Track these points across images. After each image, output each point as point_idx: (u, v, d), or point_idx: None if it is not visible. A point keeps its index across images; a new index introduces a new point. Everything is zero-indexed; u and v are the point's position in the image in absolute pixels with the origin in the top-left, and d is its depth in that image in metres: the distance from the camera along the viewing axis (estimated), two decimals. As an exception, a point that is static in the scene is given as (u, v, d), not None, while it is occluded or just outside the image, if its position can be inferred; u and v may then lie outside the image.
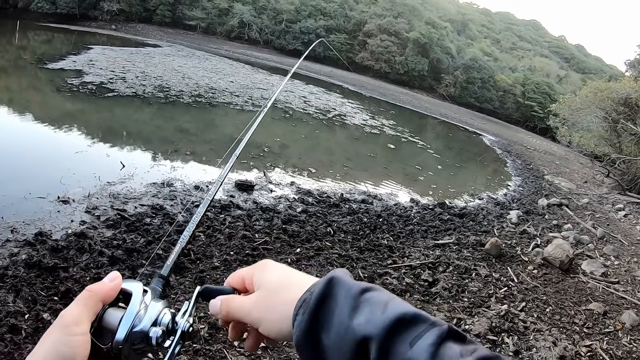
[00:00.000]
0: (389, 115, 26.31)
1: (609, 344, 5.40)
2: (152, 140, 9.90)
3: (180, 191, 7.03)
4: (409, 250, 6.74)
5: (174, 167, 8.16)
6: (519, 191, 14.55)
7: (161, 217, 5.90)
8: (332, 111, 20.69)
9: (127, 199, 6.26)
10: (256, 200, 7.47)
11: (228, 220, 6.29)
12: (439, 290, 5.51)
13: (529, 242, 8.42)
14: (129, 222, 5.48)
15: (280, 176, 9.23)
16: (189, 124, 11.84)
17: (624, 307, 6.53)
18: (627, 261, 8.69)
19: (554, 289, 6.55)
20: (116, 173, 7.17)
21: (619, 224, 12.04)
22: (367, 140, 17.43)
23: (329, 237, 6.56)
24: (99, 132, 9.57)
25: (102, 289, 0.70)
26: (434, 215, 9.01)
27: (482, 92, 60.99)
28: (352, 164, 12.27)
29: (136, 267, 4.54)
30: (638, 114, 16.60)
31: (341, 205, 8.24)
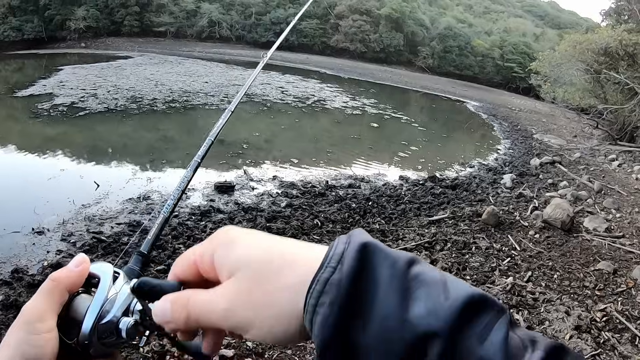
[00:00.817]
0: (369, 94, 25.92)
1: (623, 304, 5.16)
2: (126, 154, 9.49)
3: (158, 203, 6.68)
4: (402, 231, 6.36)
5: (150, 178, 7.79)
6: (510, 154, 14.26)
7: (139, 234, 5.50)
8: (311, 97, 20.27)
9: (103, 220, 5.93)
10: (238, 201, 7.10)
11: (209, 227, 5.93)
12: (438, 271, 5.17)
13: (526, 205, 8.13)
14: (105, 244, 5.17)
15: (261, 172, 8.85)
16: (163, 132, 11.46)
17: (633, 261, 6.32)
18: (628, 212, 8.46)
19: (559, 253, 6.24)
20: (91, 194, 6.83)
21: (614, 174, 11.86)
22: (350, 122, 17.03)
23: (316, 230, 6.19)
24: (72, 154, 9.17)
25: (67, 277, 0.59)
26: (425, 191, 8.65)
27: (461, 59, 60.80)
28: (336, 149, 11.87)
29: None
30: (620, 62, 16.37)
31: (327, 194, 7.85)
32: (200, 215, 6.32)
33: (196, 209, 6.54)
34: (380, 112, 19.77)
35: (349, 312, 0.45)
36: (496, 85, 57.96)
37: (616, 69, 16.18)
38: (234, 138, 11.31)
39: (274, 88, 21.40)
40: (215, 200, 7.05)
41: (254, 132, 12.42)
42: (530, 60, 34.63)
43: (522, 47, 61.11)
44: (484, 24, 72.22)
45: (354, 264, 0.46)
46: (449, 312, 0.44)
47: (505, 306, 0.48)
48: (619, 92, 16.80)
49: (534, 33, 71.36)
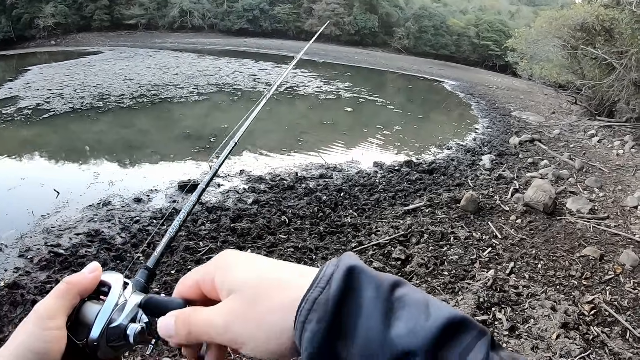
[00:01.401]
0: (344, 78, 25.42)
1: (612, 294, 4.88)
2: (88, 157, 8.92)
3: (119, 208, 6.20)
4: (376, 224, 5.92)
5: (112, 181, 7.27)
6: (488, 133, 13.92)
7: (97, 244, 5.11)
8: (284, 84, 19.62)
9: (61, 231, 5.46)
10: (202, 201, 6.56)
11: None
12: (414, 267, 4.73)
13: (506, 187, 7.78)
14: (62, 258, 4.71)
15: (228, 167, 8.31)
16: (128, 130, 10.84)
17: (619, 245, 6.07)
18: (612, 190, 8.22)
19: (542, 239, 5.89)
20: (50, 203, 6.35)
21: (594, 150, 11.63)
22: (324, 107, 16.53)
23: (283, 228, 5.74)
24: (32, 161, 8.62)
25: (80, 281, 0.64)
26: (400, 177, 8.23)
27: (437, 39, 60.36)
28: (308, 136, 11.37)
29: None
30: (597, 38, 16.12)
31: (296, 187, 7.36)
32: (161, 218, 5.87)
33: (158, 212, 6.10)
34: (355, 96, 19.28)
35: (335, 329, 0.49)
36: (473, 64, 57.76)
37: (593, 44, 15.94)
38: (202, 131, 10.80)
39: (246, 76, 20.78)
40: (178, 201, 6.58)
41: (222, 123, 11.88)
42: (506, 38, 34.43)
43: (497, 25, 60.85)
44: (459, 2, 71.71)
45: (341, 285, 0.50)
46: (429, 332, 0.48)
47: (487, 329, 0.51)
48: (597, 67, 16.57)
49: (509, 11, 71.19)
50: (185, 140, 9.99)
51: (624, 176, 9.24)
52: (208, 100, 14.76)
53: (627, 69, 13.21)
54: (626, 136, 12.93)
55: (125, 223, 5.69)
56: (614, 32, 15.35)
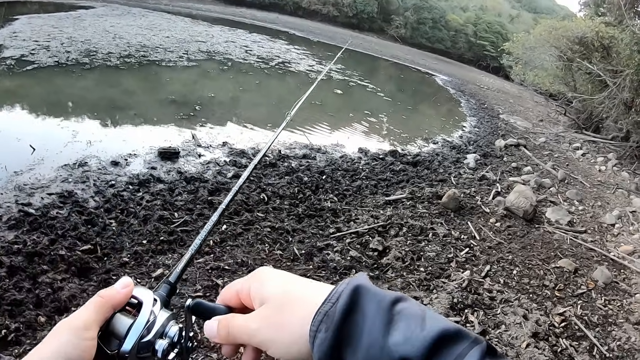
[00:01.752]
0: (337, 60, 25.10)
1: (583, 308, 4.87)
2: (68, 114, 8.37)
3: (95, 170, 5.84)
4: (356, 212, 5.77)
5: (91, 141, 6.86)
6: (475, 132, 13.86)
7: (70, 206, 4.79)
8: (276, 59, 19.24)
9: (33, 190, 5.11)
10: (181, 170, 6.32)
11: (146, 198, 5.22)
12: (390, 260, 4.61)
13: (489, 189, 7.72)
14: (32, 218, 4.40)
15: (211, 137, 8.05)
16: (113, 90, 10.27)
17: (594, 260, 6.10)
18: (591, 205, 8.23)
19: (519, 245, 5.85)
20: (25, 159, 5.96)
21: (577, 163, 11.66)
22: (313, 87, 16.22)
23: (262, 206, 5.53)
24: (11, 114, 8.05)
25: (114, 296, 0.70)
26: (384, 166, 8.10)
27: (434, 32, 60.05)
28: (295, 115, 11.10)
29: (36, 275, 3.54)
30: (594, 54, 16.11)
31: (278, 165, 7.15)
32: (138, 185, 5.57)
33: (135, 177, 5.78)
34: (346, 79, 19.01)
35: (341, 338, 0.59)
36: (467, 62, 57.70)
37: (589, 59, 15.94)
38: (188, 98, 10.42)
39: (238, 47, 20.23)
40: (157, 168, 6.27)
41: (209, 92, 11.53)
42: (503, 41, 34.44)
43: (496, 26, 60.77)
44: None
45: (347, 300, 0.61)
46: (423, 341, 0.56)
47: (482, 338, 0.58)
48: (589, 82, 16.60)
49: (510, 14, 71.06)
50: (170, 106, 9.64)
51: (604, 193, 9.27)
52: (197, 67, 14.31)
53: (620, 88, 13.22)
54: (610, 154, 13.00)
55: (100, 186, 5.39)
56: (612, 51, 15.37)
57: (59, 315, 3.20)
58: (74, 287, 3.45)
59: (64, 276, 3.57)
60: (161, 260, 4.10)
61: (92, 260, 3.87)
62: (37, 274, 3.54)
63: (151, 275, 3.83)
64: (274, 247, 4.64)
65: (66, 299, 3.31)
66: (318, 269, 4.33)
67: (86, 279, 3.66)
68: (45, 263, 3.70)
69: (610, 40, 15.23)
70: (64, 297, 3.32)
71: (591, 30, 15.79)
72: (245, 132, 8.84)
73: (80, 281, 3.60)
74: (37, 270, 3.58)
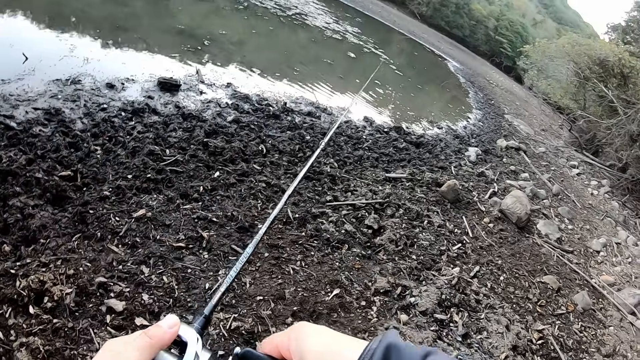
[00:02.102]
0: (354, 23, 24.38)
1: (560, 329, 4.81)
2: (67, 28, 7.61)
3: (88, 90, 5.34)
4: (354, 183, 5.53)
5: (88, 59, 6.30)
6: (479, 126, 13.64)
7: (55, 125, 4.34)
8: (293, 9, 18.51)
9: (19, 102, 4.60)
10: (179, 104, 5.87)
11: (137, 129, 4.79)
12: (384, 241, 4.40)
13: (486, 187, 7.56)
14: (12, 132, 3.94)
15: (216, 75, 7.58)
16: (118, 9, 9.45)
17: (576, 282, 6.08)
18: (580, 227, 8.19)
19: (509, 251, 5.72)
20: (16, 68, 5.40)
21: (572, 181, 11.59)
22: (327, 45, 15.70)
23: (259, 158, 5.20)
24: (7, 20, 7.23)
25: (162, 337, 0.70)
26: (388, 141, 7.83)
27: (455, 17, 59.04)
28: (305, 68, 10.71)
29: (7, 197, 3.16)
30: (611, 79, 15.91)
31: (282, 117, 6.78)
32: (131, 113, 5.12)
33: (129, 104, 5.31)
34: (360, 44, 18.46)
35: None
36: (481, 54, 57.04)
37: (606, 83, 15.74)
38: (197, 30, 9.83)
39: (257, -13, 19.51)
40: (154, 98, 5.82)
41: (221, 29, 10.95)
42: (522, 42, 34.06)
43: (518, 26, 60.01)
44: (488, -10, 70.30)
45: (380, 358, 0.64)
46: None
47: None
48: (599, 105, 16.46)
49: (534, 18, 70.17)
50: (177, 36, 9.03)
51: (593, 217, 9.20)
52: (212, 1, 13.68)
53: (630, 119, 13.09)
54: (604, 180, 12.95)
55: (91, 108, 4.92)
56: (629, 80, 15.19)
57: (26, 245, 2.88)
58: (45, 216, 3.10)
59: (36, 202, 3.22)
60: (145, 199, 3.73)
61: (70, 188, 3.50)
62: (8, 196, 3.18)
63: (132, 215, 3.47)
64: (267, 205, 4.34)
65: (35, 229, 2.97)
66: (310, 237, 4.08)
67: (60, 209, 3.30)
68: (18, 185, 3.33)
69: (631, 70, 15.05)
70: (34, 226, 2.98)
71: (615, 55, 15.60)
72: (252, 78, 8.41)
73: (53, 210, 3.25)
74: (9, 192, 3.22)
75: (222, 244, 3.53)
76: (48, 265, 2.77)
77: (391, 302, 3.65)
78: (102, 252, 3.06)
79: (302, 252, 3.88)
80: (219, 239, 3.60)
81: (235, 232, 3.74)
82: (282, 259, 3.68)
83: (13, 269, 2.65)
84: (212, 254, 3.43)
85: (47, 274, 2.66)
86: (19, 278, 2.58)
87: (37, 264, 2.74)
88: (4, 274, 2.60)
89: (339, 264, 3.89)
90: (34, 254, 2.83)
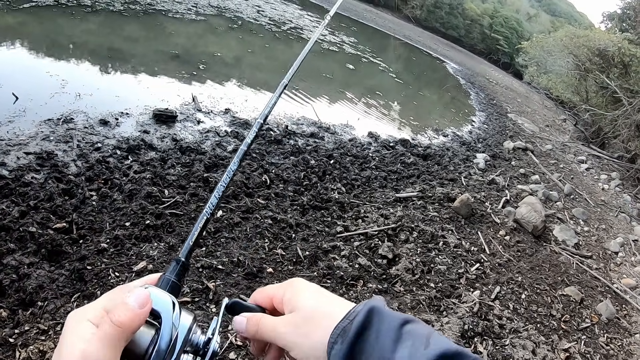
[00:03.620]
0: (350, 32, 24.34)
1: (586, 344, 4.64)
2: (59, 61, 7.52)
3: (80, 128, 5.18)
4: (365, 208, 5.39)
5: (80, 94, 6.14)
6: (484, 129, 13.50)
7: (47, 170, 4.19)
8: (288, 23, 18.46)
9: (10, 146, 4.43)
10: (176, 137, 5.71)
11: (134, 168, 4.64)
12: (400, 271, 4.26)
13: (498, 195, 7.43)
14: (3, 182, 3.80)
15: (213, 101, 7.47)
16: (112, 38, 9.46)
17: (598, 290, 5.90)
18: (595, 228, 8.05)
19: (528, 265, 5.58)
20: (6, 109, 5.22)
21: (582, 177, 11.46)
22: (324, 58, 15.60)
23: (263, 190, 5.03)
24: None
25: (132, 322, 0.60)
26: (395, 156, 7.71)
27: (449, 18, 59.10)
28: (304, 85, 10.57)
29: (1, 255, 3.04)
30: (612, 69, 15.77)
31: (284, 142, 6.63)
32: (127, 150, 4.97)
33: (124, 141, 5.15)
34: (358, 54, 18.38)
35: (354, 351, 0.67)
36: (478, 53, 57.06)
37: (607, 73, 15.60)
38: (192, 55, 9.72)
39: (250, 5, 19.33)
40: (150, 132, 5.65)
41: (216, 51, 10.90)
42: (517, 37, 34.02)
43: (512, 22, 60.07)
44: (482, -11, 70.37)
45: (362, 319, 0.68)
46: (425, 358, 0.63)
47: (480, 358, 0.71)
48: (602, 96, 16.31)
49: (528, 12, 70.32)
50: (172, 61, 8.92)
51: (607, 215, 9.05)
52: (205, 22, 13.52)
53: (635, 109, 12.93)
54: (613, 173, 12.79)
55: (85, 149, 4.76)
56: (630, 69, 15.04)
57: (23, 309, 2.74)
58: (42, 275, 2.96)
59: (32, 259, 3.07)
60: (145, 249, 3.56)
61: (66, 242, 3.34)
62: (2, 254, 3.05)
63: (132, 268, 3.32)
64: (275, 243, 4.17)
65: (32, 290, 2.82)
66: (323, 277, 3.91)
67: (57, 265, 3.15)
68: (12, 240, 3.19)
69: (631, 58, 14.92)
70: (30, 287, 2.83)
71: (614, 44, 15.48)
72: (251, 100, 8.29)
73: (50, 267, 3.10)
74: (3, 249, 3.08)
75: (230, 295, 3.37)
76: (47, 332, 2.65)
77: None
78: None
79: (316, 294, 3.71)
80: (226, 288, 3.43)
81: (242, 279, 3.57)
82: (297, 306, 3.53)
83: (12, 337, 2.54)
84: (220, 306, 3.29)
85: (47, 342, 2.55)
86: (18, 348, 2.47)
87: (36, 331, 2.62)
88: (3, 344, 2.49)
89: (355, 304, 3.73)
90: (32, 319, 2.70)
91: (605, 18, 25.52)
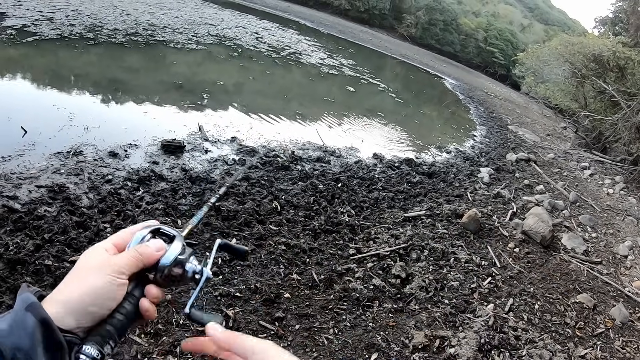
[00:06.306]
0: (347, 54, 24.74)
1: (602, 350, 4.68)
2: (65, 94, 7.77)
3: (90, 161, 5.32)
4: (375, 229, 5.51)
5: (88, 127, 6.29)
6: (486, 143, 13.67)
7: (60, 203, 4.28)
8: (287, 49, 18.87)
9: (21, 180, 4.55)
10: (185, 167, 5.86)
11: (146, 199, 4.77)
12: (414, 289, 4.38)
13: (505, 208, 7.52)
14: (17, 216, 3.88)
15: (219, 130, 7.66)
16: (116, 70, 9.81)
17: (610, 295, 5.91)
18: (603, 233, 8.10)
19: (539, 275, 5.66)
20: (15, 143, 5.33)
21: (586, 184, 11.54)
22: (324, 81, 15.91)
23: (274, 217, 5.15)
24: (2, 90, 7.28)
25: (150, 257, 0.86)
26: (401, 177, 7.86)
27: (444, 34, 59.68)
28: (307, 110, 10.81)
29: (18, 289, 3.04)
30: (608, 73, 15.92)
31: (292, 167, 6.80)
32: (137, 182, 5.09)
33: (134, 172, 5.28)
34: (357, 76, 18.70)
35: None
36: (474, 67, 57.48)
37: (604, 78, 15.74)
38: (195, 84, 9.99)
39: (249, 33, 19.80)
40: (160, 163, 5.80)
41: (218, 79, 11.18)
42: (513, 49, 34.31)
43: (507, 34, 60.55)
44: (474, 4, 70.91)
45: None
46: None
47: None
48: (601, 101, 16.42)
49: (522, 23, 70.90)
50: (176, 91, 9.16)
51: (614, 219, 9.12)
52: (206, 51, 13.86)
53: (634, 112, 13.05)
54: (617, 176, 12.87)
55: (95, 181, 4.87)
56: (626, 72, 15.18)
57: None
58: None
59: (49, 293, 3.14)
60: None
61: None
62: (18, 288, 3.09)
63: None
64: (290, 269, 4.28)
65: None
66: (340, 299, 4.01)
67: None
68: (28, 274, 3.27)
69: (626, 61, 15.05)
70: None
71: (608, 49, 15.61)
72: (256, 127, 8.49)
73: None
74: (19, 283, 3.11)
75: (250, 321, 3.49)
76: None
77: (431, 358, 3.61)
78: (124, 344, 2.99)
79: (333, 317, 3.81)
80: (245, 315, 3.54)
81: (261, 305, 3.68)
82: (314, 329, 3.62)
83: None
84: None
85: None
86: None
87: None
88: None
89: (372, 324, 3.83)
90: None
91: (598, 23, 25.72)
